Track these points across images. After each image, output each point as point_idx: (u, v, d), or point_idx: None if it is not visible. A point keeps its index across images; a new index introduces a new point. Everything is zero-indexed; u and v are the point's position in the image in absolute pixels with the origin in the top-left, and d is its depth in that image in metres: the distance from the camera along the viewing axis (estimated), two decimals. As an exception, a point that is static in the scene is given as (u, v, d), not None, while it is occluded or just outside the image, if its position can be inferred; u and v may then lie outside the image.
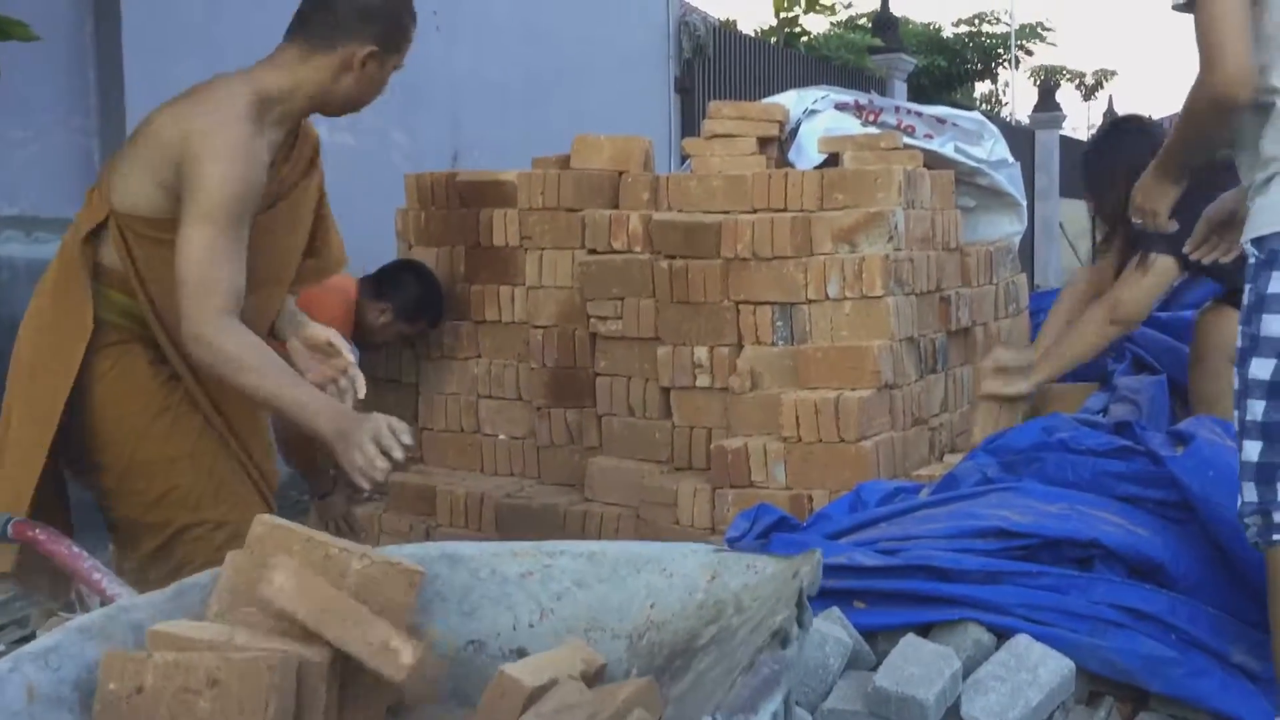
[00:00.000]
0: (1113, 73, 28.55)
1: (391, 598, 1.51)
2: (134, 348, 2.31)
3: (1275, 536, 1.97)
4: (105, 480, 2.33)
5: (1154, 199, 2.27)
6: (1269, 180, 1.95)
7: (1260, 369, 1.92)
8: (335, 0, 2.29)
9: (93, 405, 2.28)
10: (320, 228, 2.56)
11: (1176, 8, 2.00)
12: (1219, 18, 1.91)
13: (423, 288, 3.73)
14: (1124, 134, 3.49)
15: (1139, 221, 2.35)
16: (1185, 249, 2.37)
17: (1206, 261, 2.35)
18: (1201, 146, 2.14)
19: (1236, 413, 1.99)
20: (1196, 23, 1.96)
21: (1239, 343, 1.98)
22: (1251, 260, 1.95)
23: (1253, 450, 1.95)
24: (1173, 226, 2.31)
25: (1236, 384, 1.98)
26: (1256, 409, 1.93)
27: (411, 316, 3.73)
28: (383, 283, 3.69)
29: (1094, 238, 3.68)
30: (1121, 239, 3.38)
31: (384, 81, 2.37)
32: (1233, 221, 2.23)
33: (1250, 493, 1.98)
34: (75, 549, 2.00)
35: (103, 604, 1.92)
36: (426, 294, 3.74)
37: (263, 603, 1.39)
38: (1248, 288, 1.96)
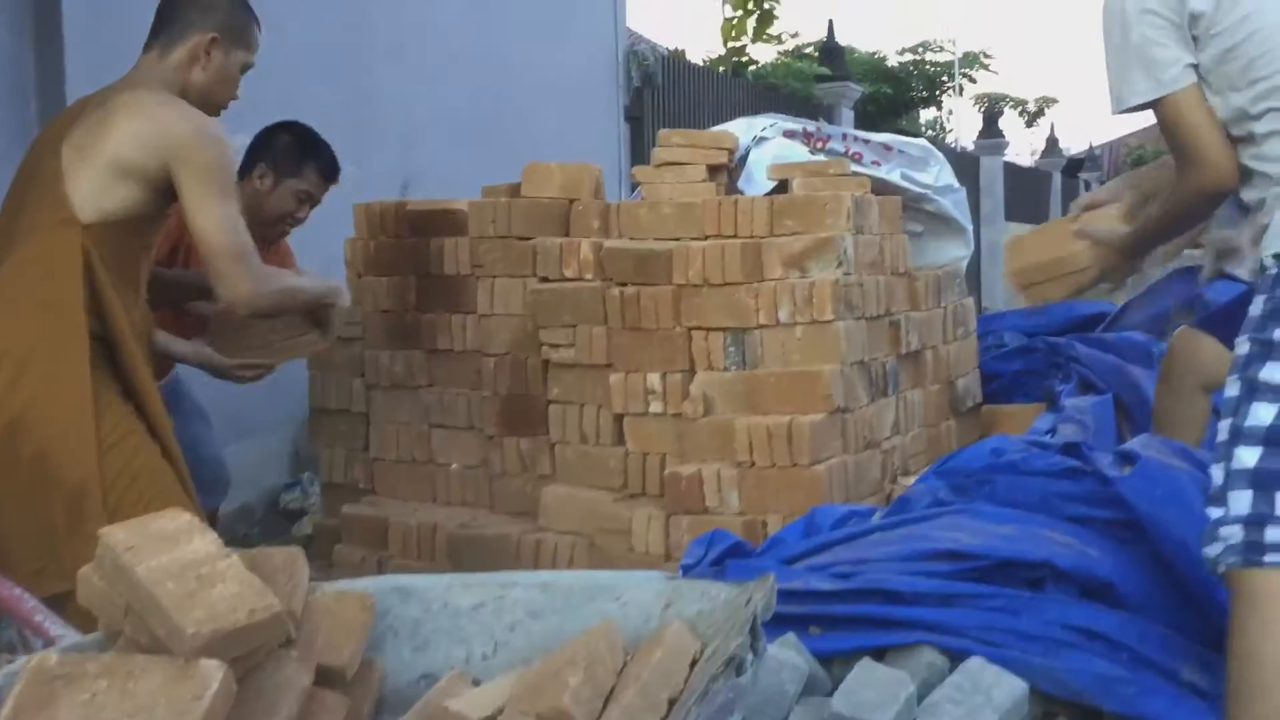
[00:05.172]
0: (1054, 100, 29.11)
1: (348, 619, 1.50)
2: (98, 373, 2.33)
3: (1266, 557, 1.85)
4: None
5: (1120, 275, 2.43)
6: None
7: (1276, 374, 1.87)
8: (179, 1, 2.58)
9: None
10: None
11: (1123, 111, 2.12)
12: (1187, 116, 2.05)
13: (294, 134, 3.34)
14: None
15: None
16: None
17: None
18: (1190, 227, 2.32)
19: (1229, 420, 1.92)
20: (1164, 123, 2.08)
21: (1243, 349, 1.93)
22: (1274, 271, 1.93)
23: (1249, 455, 1.88)
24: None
25: (1236, 390, 1.91)
26: (1264, 412, 1.87)
27: (296, 168, 3.31)
28: (248, 155, 3.31)
29: None
30: None
31: (232, 76, 2.60)
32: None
33: (1239, 502, 1.88)
34: (17, 590, 1.96)
35: (45, 645, 1.88)
36: (301, 139, 3.33)
37: None
38: (1261, 298, 1.93)
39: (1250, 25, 2.03)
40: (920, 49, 19.86)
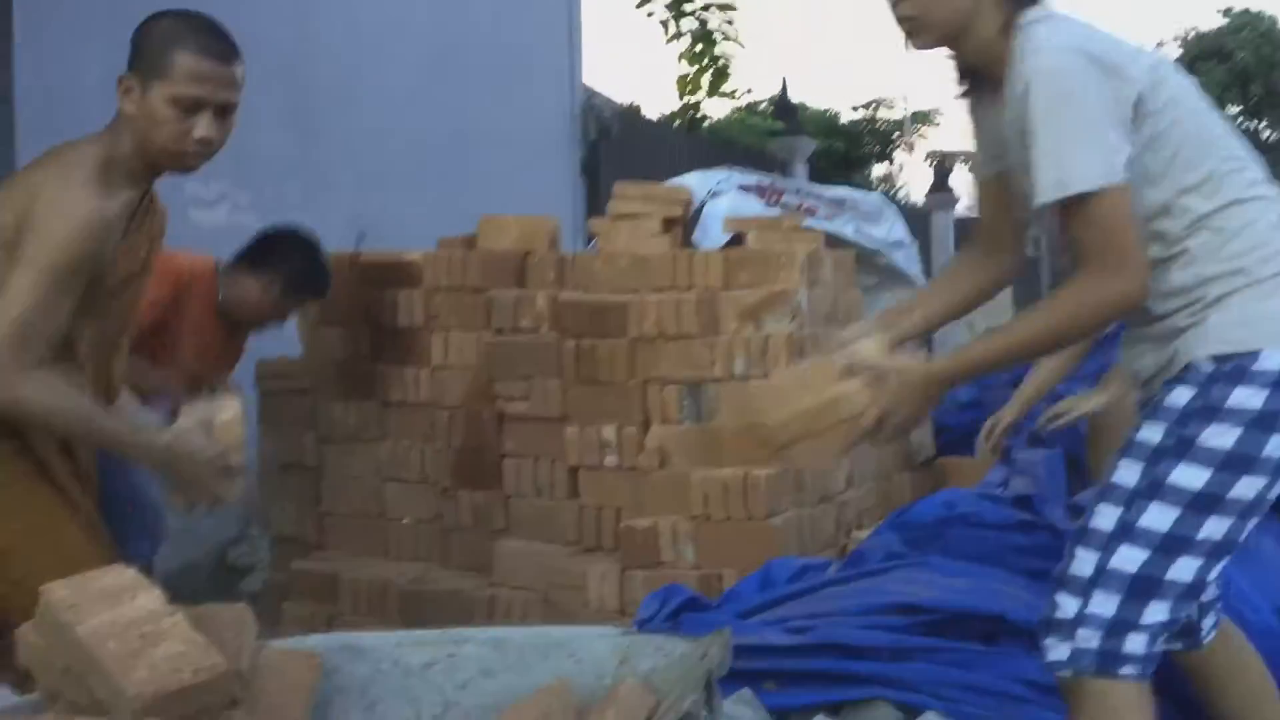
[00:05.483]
0: (1003, 157, 29.71)
1: (295, 678, 1.47)
2: None
3: (1123, 669, 1.76)
4: None
5: (915, 415, 1.91)
6: (1221, 298, 1.79)
7: (1188, 477, 1.74)
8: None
9: None
10: None
11: (1060, 199, 1.74)
12: (1122, 222, 1.73)
13: (310, 254, 3.43)
14: None
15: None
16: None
17: None
18: (1075, 341, 2.11)
19: (1117, 511, 1.79)
20: (1091, 218, 1.74)
21: (1153, 436, 1.80)
22: (1207, 370, 1.77)
23: (1133, 558, 1.76)
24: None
25: (1134, 480, 1.79)
26: (1162, 516, 1.74)
27: (303, 287, 3.41)
28: (263, 254, 3.36)
29: None
30: None
31: (157, 114, 2.22)
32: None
33: (1104, 604, 1.76)
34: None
35: (-20, 706, 1.82)
36: (315, 261, 3.43)
37: None
38: (1189, 391, 1.78)
39: (1175, 111, 1.80)
40: (872, 105, 20.24)
